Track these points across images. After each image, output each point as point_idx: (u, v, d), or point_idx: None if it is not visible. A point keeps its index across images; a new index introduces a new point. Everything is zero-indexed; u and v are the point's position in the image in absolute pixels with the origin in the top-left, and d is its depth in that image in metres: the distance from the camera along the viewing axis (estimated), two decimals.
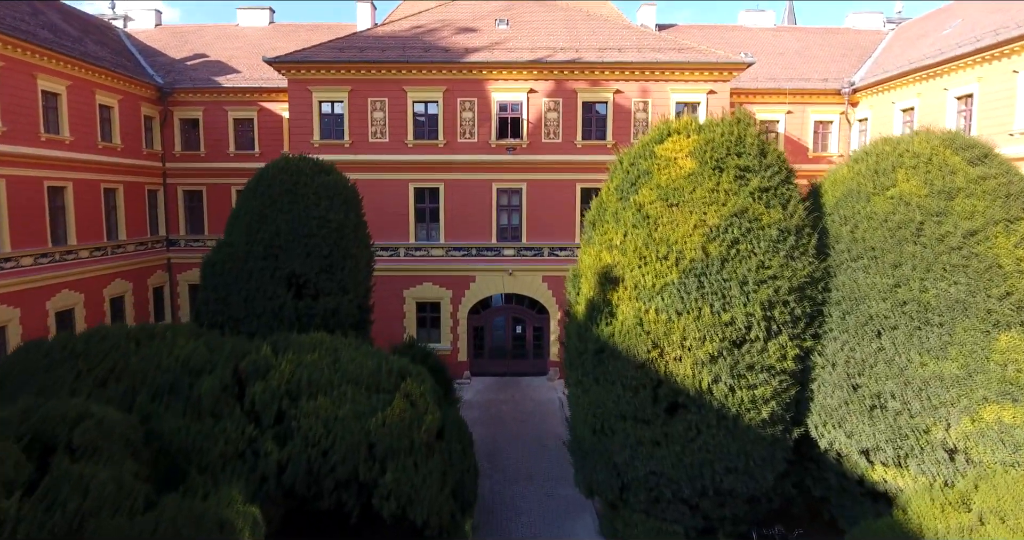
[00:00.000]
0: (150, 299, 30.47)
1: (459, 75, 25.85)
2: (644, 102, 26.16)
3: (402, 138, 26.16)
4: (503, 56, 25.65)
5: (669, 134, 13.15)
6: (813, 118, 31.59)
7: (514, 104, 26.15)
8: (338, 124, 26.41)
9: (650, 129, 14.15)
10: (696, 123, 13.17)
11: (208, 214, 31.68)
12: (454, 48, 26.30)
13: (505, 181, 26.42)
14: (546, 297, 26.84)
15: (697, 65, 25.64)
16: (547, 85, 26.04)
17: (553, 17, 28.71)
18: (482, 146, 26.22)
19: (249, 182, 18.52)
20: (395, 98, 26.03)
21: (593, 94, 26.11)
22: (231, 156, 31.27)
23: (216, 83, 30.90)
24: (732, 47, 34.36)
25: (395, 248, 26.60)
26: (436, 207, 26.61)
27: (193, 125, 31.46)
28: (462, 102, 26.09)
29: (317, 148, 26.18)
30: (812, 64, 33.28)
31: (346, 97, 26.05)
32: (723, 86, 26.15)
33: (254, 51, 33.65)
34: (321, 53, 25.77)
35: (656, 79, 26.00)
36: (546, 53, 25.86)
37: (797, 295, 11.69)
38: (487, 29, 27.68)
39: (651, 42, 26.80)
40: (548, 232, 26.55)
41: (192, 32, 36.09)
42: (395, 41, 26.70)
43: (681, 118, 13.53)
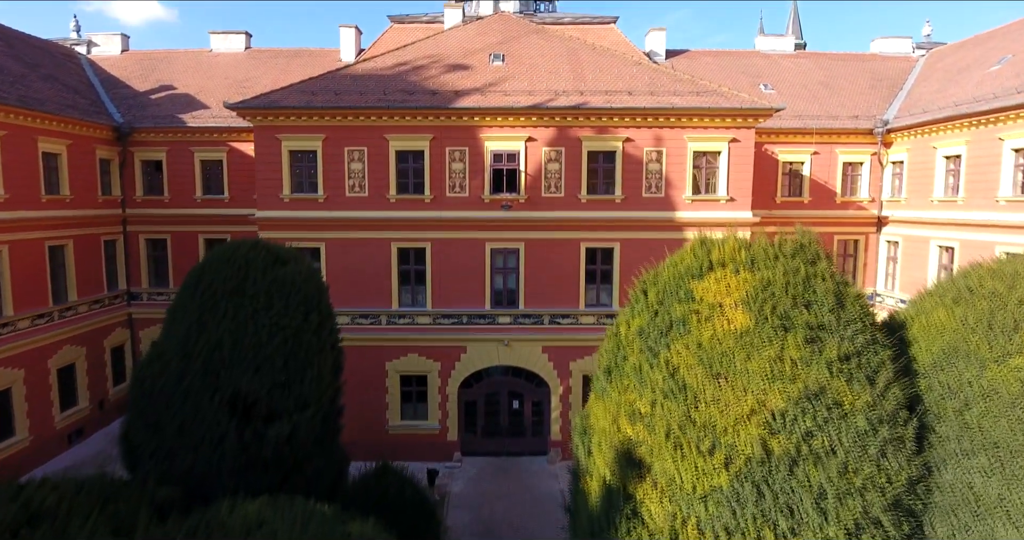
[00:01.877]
0: (108, 362, 27.21)
1: (448, 121, 22.50)
2: (658, 151, 22.82)
3: (383, 192, 22.83)
4: (498, 101, 22.28)
5: (711, 266, 9.84)
6: (842, 159, 28.25)
7: (510, 154, 22.80)
8: (311, 176, 23.06)
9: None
10: (745, 251, 9.87)
11: (173, 265, 28.40)
12: (443, 90, 22.94)
13: (500, 240, 23.10)
14: (547, 370, 23.56)
15: (718, 111, 22.28)
16: (548, 132, 22.69)
17: (554, 51, 25.32)
18: (474, 201, 22.89)
19: (188, 275, 15.20)
20: (375, 147, 22.68)
21: (600, 143, 22.76)
22: (198, 201, 27.99)
23: (181, 122, 27.56)
24: (750, 77, 31.03)
25: (376, 315, 23.30)
26: (422, 269, 23.29)
27: (156, 167, 28.15)
28: (451, 152, 22.75)
29: (287, 203, 22.88)
30: (839, 97, 29.92)
31: (320, 146, 22.70)
32: (747, 133, 22.79)
33: (226, 82, 30.38)
34: (291, 97, 22.40)
35: (672, 126, 22.64)
36: (546, 97, 22.49)
37: (893, 513, 8.39)
38: (480, 66, 24.30)
39: (665, 83, 23.42)
40: (549, 297, 23.25)
41: (160, 59, 32.70)
42: (376, 81, 23.33)
43: (725, 241, 10.22)
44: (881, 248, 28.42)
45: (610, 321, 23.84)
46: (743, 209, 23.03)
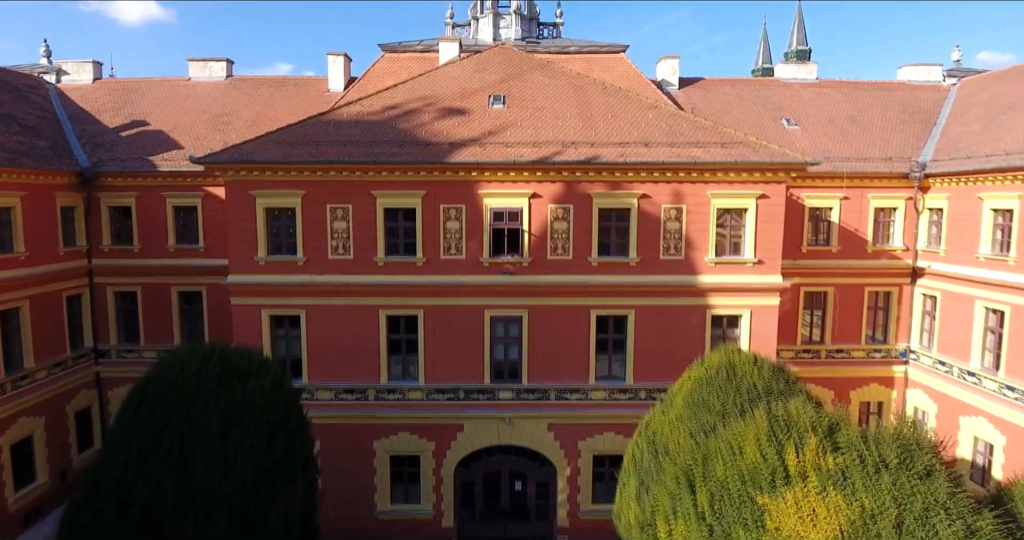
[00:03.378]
0: (71, 428, 24.63)
1: (443, 176, 19.88)
2: (677, 209, 20.19)
3: (370, 254, 20.22)
4: (499, 154, 19.65)
5: (786, 476, 7.23)
6: (874, 205, 25.62)
7: (512, 212, 20.18)
8: (290, 236, 20.44)
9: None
10: (832, 456, 7.26)
11: (144, 319, 25.84)
12: (437, 140, 20.30)
13: (501, 307, 20.50)
14: (552, 449, 20.98)
15: (746, 165, 19.66)
16: (554, 188, 20.07)
17: (560, 91, 22.66)
18: (472, 264, 20.28)
19: (130, 395, 12.66)
20: (362, 204, 20.06)
21: (613, 199, 20.14)
22: (171, 251, 25.39)
23: (151, 165, 24.94)
24: (771, 110, 28.41)
25: (363, 390, 20.71)
26: (414, 339, 20.69)
27: (125, 214, 25.53)
28: (447, 209, 20.12)
29: (263, 266, 20.28)
30: (868, 134, 27.28)
31: (299, 203, 20.07)
32: (777, 188, 20.17)
33: (203, 117, 27.75)
34: (266, 149, 19.75)
35: (693, 181, 20.02)
36: (553, 149, 19.86)
37: None
38: (479, 110, 21.65)
39: (685, 131, 20.78)
40: (555, 370, 20.66)
41: (134, 89, 30.05)
42: (362, 129, 20.69)
43: (802, 431, 7.61)
44: (916, 301, 25.81)
45: (623, 396, 21.38)
46: (772, 273, 20.42)
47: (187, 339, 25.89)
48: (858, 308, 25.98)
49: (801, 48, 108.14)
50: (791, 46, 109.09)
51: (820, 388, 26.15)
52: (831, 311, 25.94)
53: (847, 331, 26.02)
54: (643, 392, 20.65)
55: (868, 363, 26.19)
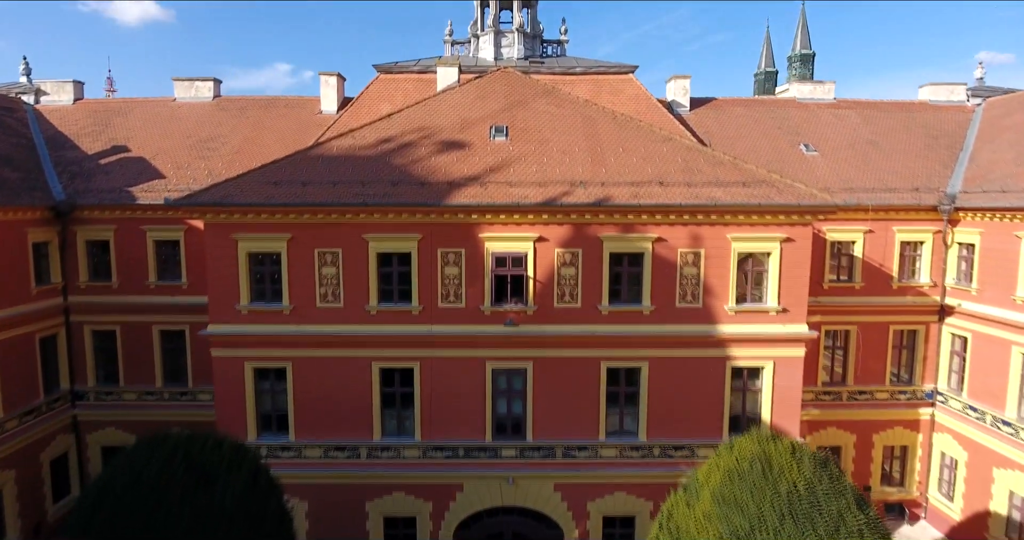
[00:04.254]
0: (46, 478, 22.96)
1: (441, 219, 18.18)
2: (695, 253, 18.49)
3: (362, 302, 18.53)
4: (501, 195, 17.94)
5: None
6: (899, 238, 23.93)
7: (516, 257, 18.49)
8: (275, 282, 18.74)
9: None
10: None
11: (124, 360, 24.20)
12: (434, 177, 18.59)
13: (504, 359, 18.83)
14: (559, 511, 19.31)
15: (770, 208, 17.97)
16: (561, 231, 18.38)
17: (567, 121, 20.93)
18: (472, 313, 18.60)
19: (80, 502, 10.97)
20: (352, 248, 18.37)
21: (625, 243, 18.44)
22: (151, 288, 23.72)
23: (130, 198, 23.28)
24: (787, 133, 26.71)
25: (354, 448, 19.04)
26: (409, 392, 19.02)
27: (102, 248, 23.85)
28: (445, 254, 18.43)
29: (246, 315, 18.59)
30: (891, 161, 25.58)
31: (284, 247, 18.37)
32: (803, 232, 18.46)
33: (188, 143, 26.10)
34: (248, 189, 18.04)
35: (712, 223, 18.32)
36: (560, 189, 18.15)
37: None
38: (480, 143, 19.93)
39: (703, 167, 19.07)
40: (562, 425, 18.99)
41: (116, 111, 28.33)
42: (353, 165, 18.98)
43: None
44: (944, 340, 24.12)
45: (636, 454, 19.69)
46: (797, 321, 18.73)
47: (169, 380, 24.31)
48: (882, 347, 24.32)
49: (805, 52, 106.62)
50: (795, 49, 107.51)
51: (842, 432, 24.57)
52: (854, 351, 24.28)
53: (871, 371, 24.37)
54: (657, 449, 19.01)
55: (892, 405, 24.54)
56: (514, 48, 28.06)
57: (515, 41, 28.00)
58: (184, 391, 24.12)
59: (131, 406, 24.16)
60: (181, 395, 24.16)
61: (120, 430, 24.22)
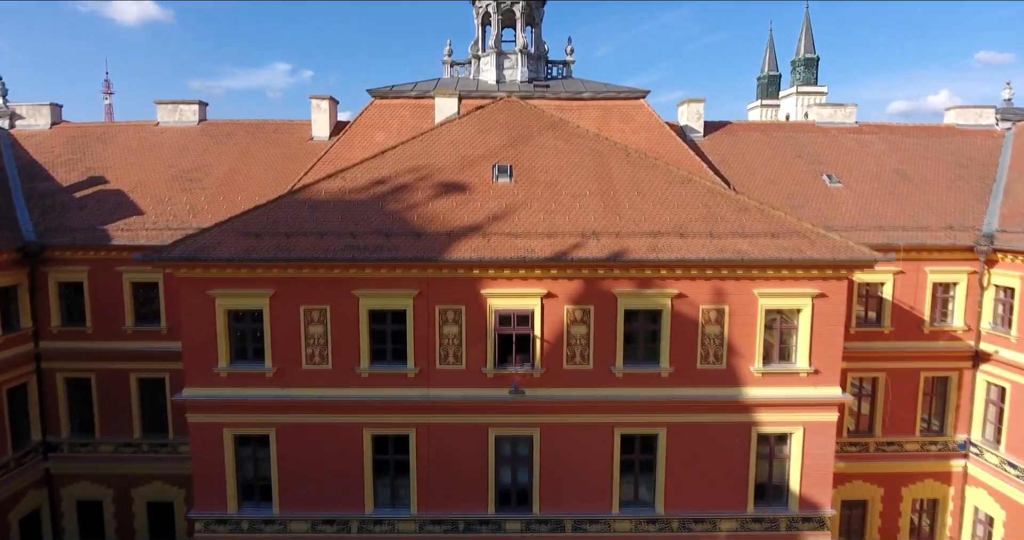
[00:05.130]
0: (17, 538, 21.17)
1: (439, 274, 16.37)
2: (718, 310, 16.68)
3: (353, 364, 16.73)
4: (505, 248, 16.12)
5: None
6: (932, 279, 22.13)
7: (522, 314, 16.67)
8: (256, 342, 16.94)
9: None
10: None
11: (99, 409, 22.50)
12: (431, 226, 16.77)
13: (508, 426, 17.04)
14: None
15: (803, 263, 16.16)
16: (572, 287, 16.56)
17: (576, 158, 19.09)
18: (473, 376, 16.80)
19: None
20: (341, 305, 16.55)
21: (641, 300, 16.63)
22: (128, 333, 21.97)
23: (105, 237, 21.52)
24: (808, 162, 24.91)
25: (344, 521, 17.25)
26: (405, 460, 17.21)
27: (76, 290, 22.09)
28: (443, 311, 16.62)
29: (225, 378, 16.80)
30: (922, 193, 23.79)
31: (267, 304, 16.56)
32: (837, 286, 16.65)
33: (170, 173, 24.35)
34: (225, 243, 16.21)
35: (738, 278, 16.50)
36: (570, 242, 16.32)
37: None
38: (481, 185, 18.11)
39: (726, 213, 17.25)
40: (572, 496, 17.19)
41: (95, 137, 26.52)
42: (342, 212, 17.15)
43: None
44: (979, 388, 22.36)
45: (652, 528, 17.89)
46: (830, 384, 16.94)
47: (148, 431, 22.61)
48: (912, 395, 22.58)
49: (809, 56, 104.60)
50: (798, 54, 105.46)
51: (869, 485, 22.83)
52: (882, 399, 22.52)
53: (900, 421, 22.64)
54: (676, 522, 17.24)
55: (922, 457, 22.81)
56: (517, 70, 26.18)
57: (518, 63, 26.12)
58: (164, 442, 22.38)
59: (108, 458, 22.41)
60: (161, 447, 22.41)
61: (96, 483, 22.58)
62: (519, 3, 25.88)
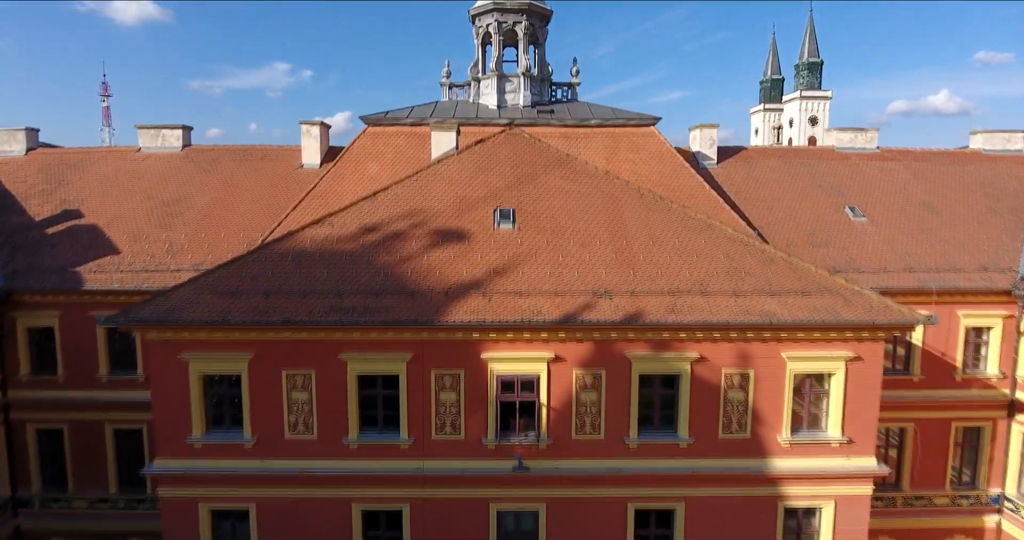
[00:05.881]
0: None
1: (435, 336, 14.75)
2: (742, 375, 15.06)
3: (340, 434, 15.10)
4: (507, 309, 14.49)
5: None
6: (965, 324, 20.50)
7: (526, 380, 15.06)
8: (234, 409, 15.31)
9: None
10: None
11: (73, 462, 20.84)
12: (427, 282, 15.13)
13: (511, 500, 15.43)
14: None
15: (837, 326, 14.54)
16: (581, 350, 14.94)
17: (584, 202, 17.44)
18: (473, 447, 15.18)
19: None
20: (328, 369, 14.93)
21: (658, 364, 15.00)
22: (103, 381, 20.37)
23: (76, 280, 19.91)
24: (829, 192, 23.27)
25: None
26: (398, 537, 15.60)
27: (47, 336, 20.41)
28: (440, 377, 14.99)
29: (199, 449, 15.17)
30: (952, 230, 22.15)
31: (246, 369, 14.93)
32: (874, 349, 15.04)
33: (149, 206, 22.79)
34: (199, 303, 14.58)
35: (764, 340, 14.89)
36: (580, 301, 14.69)
37: None
38: (481, 233, 16.46)
39: (751, 266, 15.61)
40: None
41: (73, 164, 24.85)
42: (330, 266, 15.49)
43: None
44: (1014, 439, 20.77)
45: None
46: (865, 454, 15.38)
47: (125, 485, 20.98)
48: (943, 447, 20.98)
49: (813, 59, 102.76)
50: (802, 58, 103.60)
51: None
52: (910, 451, 20.92)
53: (929, 474, 21.05)
54: None
55: (953, 512, 21.23)
56: (520, 94, 24.48)
57: (521, 86, 24.43)
58: (142, 498, 20.77)
59: (82, 515, 20.81)
60: (139, 502, 20.81)
61: None
62: (522, 23, 24.18)
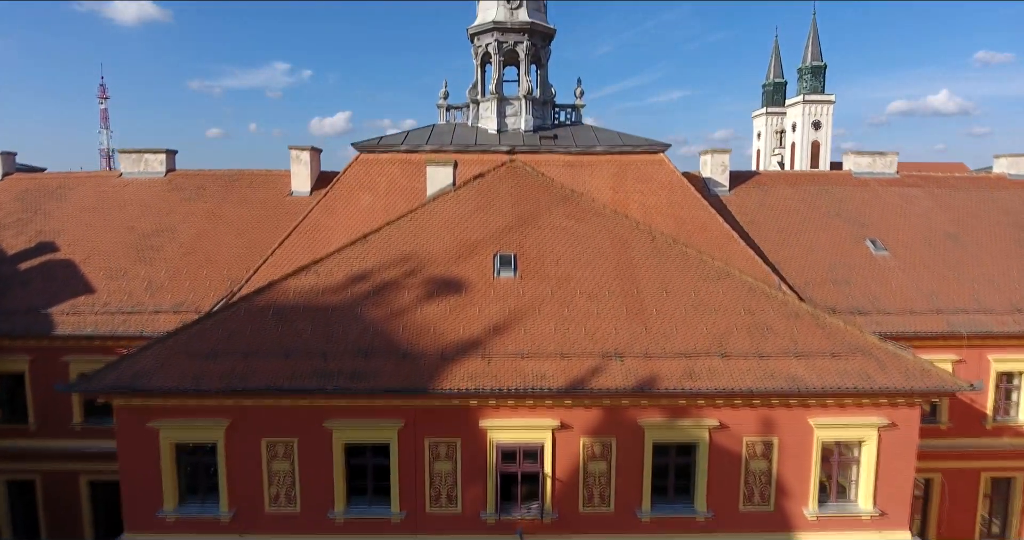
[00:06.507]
0: None
1: (429, 402, 13.38)
2: (765, 443, 13.69)
3: (325, 507, 13.73)
4: (508, 374, 13.10)
5: None
6: (995, 369, 19.12)
7: (529, 449, 13.68)
8: (210, 479, 13.94)
9: None
10: None
11: (46, 516, 19.45)
12: (420, 342, 13.75)
13: None
14: None
15: (871, 393, 13.16)
16: (589, 416, 13.56)
17: (592, 245, 16.03)
18: (471, 522, 13.80)
19: None
20: (312, 438, 13.55)
21: (673, 432, 13.63)
22: (77, 430, 19.02)
23: (47, 323, 18.55)
24: (848, 222, 21.92)
25: None
26: None
27: (16, 382, 19.06)
28: (434, 446, 13.62)
29: (171, 524, 13.79)
30: (980, 264, 20.79)
31: (222, 437, 13.56)
32: (910, 415, 13.66)
33: (130, 239, 21.73)
34: (170, 366, 13.19)
35: (789, 406, 13.53)
36: (588, 364, 13.31)
37: None
38: (480, 281, 15.07)
39: (774, 322, 14.22)
40: None
41: (50, 191, 23.49)
42: (314, 322, 14.10)
43: None
44: None
45: None
46: (898, 527, 13.97)
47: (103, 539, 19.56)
48: (971, 499, 19.64)
49: (816, 63, 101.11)
50: (805, 62, 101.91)
51: None
52: (936, 504, 19.54)
53: (957, 526, 19.72)
54: None
55: None
56: (521, 118, 23.06)
57: (522, 109, 23.01)
58: None
59: None
60: None
61: None
62: (523, 43, 22.75)
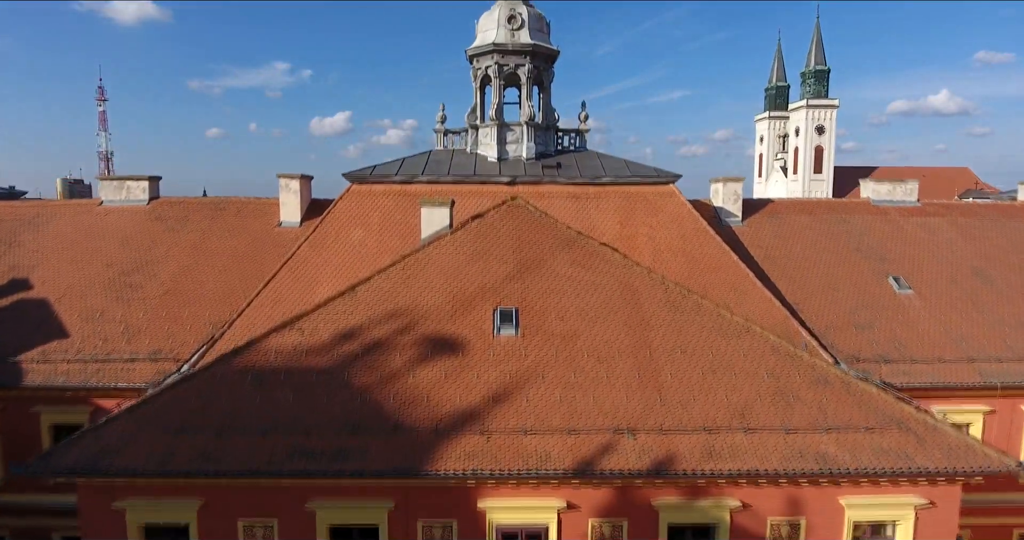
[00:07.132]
0: None
1: (422, 481, 12.08)
2: (791, 524, 12.39)
3: None
4: (510, 453, 11.81)
5: None
6: None
7: (532, 532, 12.39)
8: None
9: None
10: None
11: None
12: (412, 415, 12.44)
13: None
14: None
15: (909, 474, 11.86)
16: (598, 496, 12.27)
17: (600, 297, 14.70)
18: None
19: None
20: (293, 519, 12.27)
21: (691, 513, 12.34)
22: (49, 484, 17.43)
23: (16, 374, 17.20)
24: (868, 257, 20.62)
25: None
26: None
27: None
28: (428, 528, 12.33)
29: None
30: (1010, 305, 19.62)
31: (194, 518, 12.28)
32: (950, 493, 12.39)
33: (107, 275, 20.50)
34: (136, 445, 11.91)
35: (819, 485, 12.23)
36: (597, 442, 12.00)
37: None
38: (478, 341, 13.75)
39: (800, 389, 12.91)
40: None
41: (27, 221, 22.19)
42: (296, 391, 12.81)
43: None
44: None
45: None
46: None
47: None
48: None
49: (820, 67, 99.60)
50: (808, 65, 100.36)
51: None
52: None
53: None
54: None
55: None
56: (523, 145, 21.71)
57: (524, 136, 21.65)
58: None
59: None
60: None
61: None
62: (525, 66, 21.39)
